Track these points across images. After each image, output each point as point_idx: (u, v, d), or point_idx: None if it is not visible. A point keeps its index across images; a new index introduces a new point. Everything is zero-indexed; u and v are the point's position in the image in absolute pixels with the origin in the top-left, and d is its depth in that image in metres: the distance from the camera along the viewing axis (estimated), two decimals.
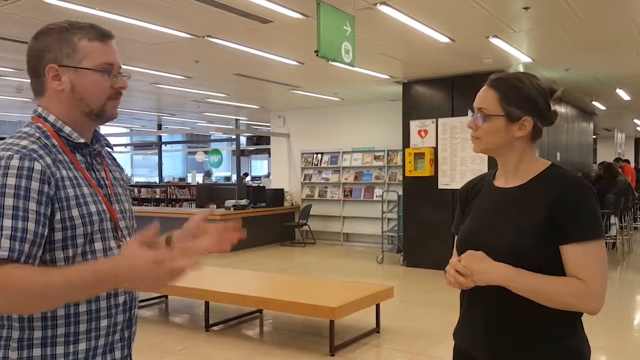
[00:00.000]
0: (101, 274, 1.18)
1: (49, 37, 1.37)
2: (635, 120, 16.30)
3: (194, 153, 18.20)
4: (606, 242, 9.38)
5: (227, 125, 16.18)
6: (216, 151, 14.49)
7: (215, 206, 11.25)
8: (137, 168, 22.50)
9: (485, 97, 1.58)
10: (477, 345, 1.58)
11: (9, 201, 1.19)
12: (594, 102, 11.46)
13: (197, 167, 19.56)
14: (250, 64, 7.39)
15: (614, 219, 8.94)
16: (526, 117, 1.55)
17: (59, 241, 1.27)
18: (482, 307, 1.56)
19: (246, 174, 19.53)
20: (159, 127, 16.64)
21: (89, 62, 1.36)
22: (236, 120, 15.20)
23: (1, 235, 1.17)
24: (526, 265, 1.45)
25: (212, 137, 20.10)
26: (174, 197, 14.44)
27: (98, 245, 1.34)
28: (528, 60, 7.15)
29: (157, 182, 16.89)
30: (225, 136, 18.37)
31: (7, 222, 1.18)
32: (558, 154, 10.01)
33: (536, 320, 1.48)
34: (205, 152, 15.40)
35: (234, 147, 16.14)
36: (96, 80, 1.37)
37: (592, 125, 13.59)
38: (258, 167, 24.29)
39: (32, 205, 1.22)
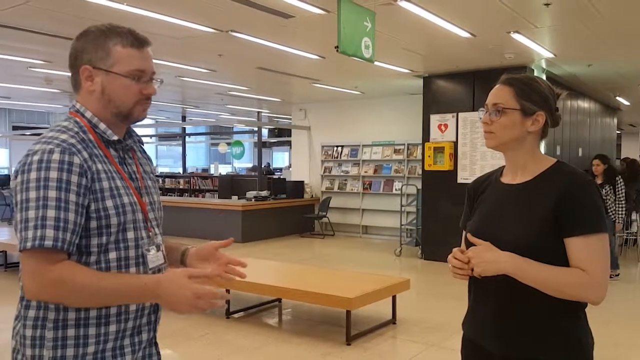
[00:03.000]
0: (147, 289, 1.34)
1: (87, 39, 1.44)
2: None
3: (217, 144, 18.41)
4: (627, 239, 9.35)
5: (250, 118, 16.33)
6: (238, 143, 14.67)
7: (237, 197, 11.43)
8: (162, 158, 22.84)
9: (500, 93, 1.65)
10: (485, 335, 1.65)
11: (52, 193, 1.28)
12: (617, 98, 11.30)
13: (219, 158, 19.78)
14: (272, 58, 7.49)
15: (635, 215, 8.86)
16: (540, 112, 1.62)
17: (93, 229, 1.36)
18: (489, 298, 1.63)
19: (268, 166, 19.68)
20: (183, 118, 16.88)
21: (120, 67, 1.43)
22: (258, 112, 15.34)
23: (46, 225, 1.26)
24: (530, 258, 1.51)
25: (234, 129, 20.29)
26: (197, 187, 14.67)
27: (130, 235, 1.44)
28: (550, 55, 7.12)
29: (181, 172, 17.15)
30: (247, 128, 18.52)
31: (51, 213, 1.27)
32: (580, 149, 9.94)
33: (542, 311, 1.54)
34: (228, 144, 15.58)
35: (255, 139, 16.28)
36: (125, 85, 1.44)
37: (616, 120, 13.41)
38: (279, 159, 24.45)
39: (73, 197, 1.31)
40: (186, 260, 1.66)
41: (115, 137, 1.47)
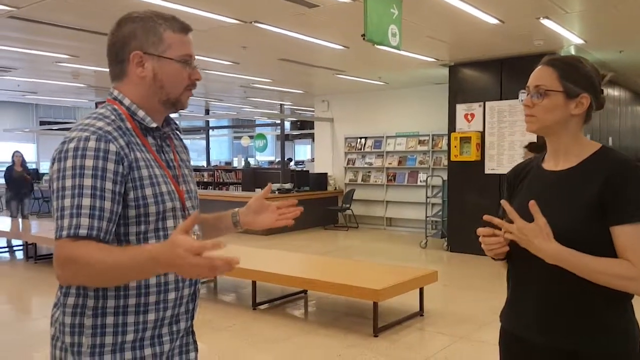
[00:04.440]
0: (151, 259, 1.18)
1: (134, 24, 1.42)
2: None
3: (240, 138, 18.48)
4: None
5: (272, 110, 16.34)
6: (261, 136, 14.69)
7: (261, 190, 11.45)
8: None
9: (543, 74, 1.57)
10: (526, 326, 1.58)
11: (87, 181, 1.26)
12: None
13: (242, 151, 19.87)
14: (295, 49, 7.45)
15: None
16: (584, 94, 1.55)
17: (132, 217, 1.35)
18: (531, 288, 1.57)
19: (290, 159, 19.70)
20: (207, 112, 16.96)
21: (172, 52, 1.42)
22: (281, 105, 15.34)
23: (81, 213, 1.24)
24: (574, 248, 1.45)
25: (257, 122, 20.35)
26: (221, 180, 14.77)
27: (170, 223, 1.42)
28: (580, 41, 6.94)
29: (205, 165, 17.27)
30: (269, 121, 18.54)
31: (86, 201, 1.25)
32: (610, 138, 9.71)
33: (587, 301, 1.48)
34: (251, 137, 15.62)
35: (278, 132, 16.29)
36: (177, 70, 1.43)
37: None
38: (301, 151, 24.45)
39: (109, 185, 1.29)
40: (239, 221, 1.69)
41: (154, 124, 1.44)
